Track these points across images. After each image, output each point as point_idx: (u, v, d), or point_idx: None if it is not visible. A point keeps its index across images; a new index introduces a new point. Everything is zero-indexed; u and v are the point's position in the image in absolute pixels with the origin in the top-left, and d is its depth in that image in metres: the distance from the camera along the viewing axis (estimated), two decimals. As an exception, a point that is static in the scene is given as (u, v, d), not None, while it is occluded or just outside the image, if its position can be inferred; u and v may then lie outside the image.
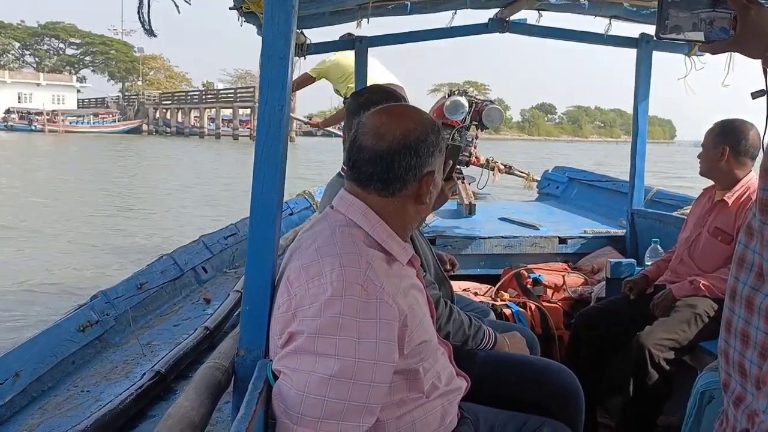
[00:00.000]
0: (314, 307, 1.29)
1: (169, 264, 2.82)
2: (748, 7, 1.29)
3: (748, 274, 0.91)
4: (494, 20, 4.04)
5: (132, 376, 1.91)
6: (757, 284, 0.90)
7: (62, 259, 8.45)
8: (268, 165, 1.44)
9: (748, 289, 0.90)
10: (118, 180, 19.53)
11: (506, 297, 3.73)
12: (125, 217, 12.64)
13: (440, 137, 1.50)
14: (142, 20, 1.39)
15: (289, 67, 1.42)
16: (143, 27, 1.40)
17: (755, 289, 0.89)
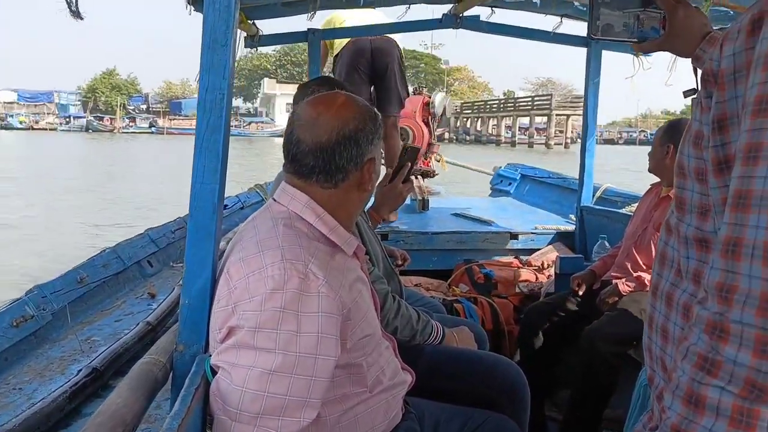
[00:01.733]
0: (254, 300, 1.25)
1: (111, 258, 2.73)
2: (677, 7, 1.32)
3: (669, 270, 0.93)
4: (448, 16, 4.04)
5: (68, 372, 1.84)
6: (676, 280, 0.91)
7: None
8: (208, 155, 1.39)
9: (669, 286, 0.92)
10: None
11: (458, 292, 3.75)
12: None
13: (378, 124, 1.49)
14: (68, 2, 1.33)
15: (230, 54, 1.38)
16: (69, 9, 1.34)
17: (675, 285, 0.90)
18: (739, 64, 0.79)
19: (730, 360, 0.72)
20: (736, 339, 0.72)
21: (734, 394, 0.72)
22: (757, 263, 0.71)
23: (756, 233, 0.72)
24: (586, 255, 3.88)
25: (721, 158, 0.82)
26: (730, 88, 0.81)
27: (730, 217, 0.75)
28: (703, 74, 0.87)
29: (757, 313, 0.71)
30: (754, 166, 0.73)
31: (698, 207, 0.88)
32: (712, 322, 0.75)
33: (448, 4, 3.99)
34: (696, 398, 0.75)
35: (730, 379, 0.72)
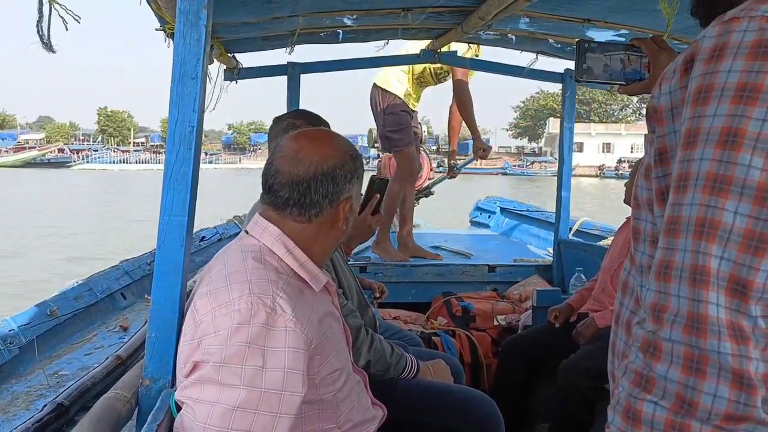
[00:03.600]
0: (220, 335, 1.24)
1: (84, 290, 2.69)
2: (660, 53, 1.38)
3: (629, 299, 0.97)
4: (426, 51, 4.11)
5: (33, 408, 1.79)
6: (635, 308, 0.95)
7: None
8: (177, 187, 1.40)
9: (629, 314, 0.96)
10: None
11: (436, 325, 3.73)
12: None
13: (359, 164, 1.50)
14: (41, 34, 1.34)
15: (200, 86, 1.39)
16: (41, 41, 1.35)
17: (633, 312, 0.95)
18: (675, 101, 0.85)
19: (662, 376, 0.77)
20: (667, 356, 0.76)
21: (667, 409, 0.76)
22: (684, 284, 0.76)
23: (684, 256, 0.77)
24: (563, 288, 3.89)
25: (663, 188, 0.87)
26: (668, 123, 0.86)
27: (663, 241, 0.80)
28: (647, 110, 0.94)
29: (684, 330, 0.75)
30: (683, 194, 0.78)
31: (650, 236, 0.92)
32: (647, 340, 0.80)
33: (426, 40, 4.06)
34: (633, 413, 0.79)
35: (663, 394, 0.77)
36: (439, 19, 3.37)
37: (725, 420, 0.74)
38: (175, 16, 2.20)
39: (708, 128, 0.77)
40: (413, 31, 3.71)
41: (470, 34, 3.32)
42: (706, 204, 0.76)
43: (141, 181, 34.25)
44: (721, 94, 0.76)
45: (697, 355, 0.74)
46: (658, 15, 2.02)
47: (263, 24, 3.10)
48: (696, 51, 0.82)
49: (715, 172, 0.75)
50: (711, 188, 0.75)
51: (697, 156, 0.77)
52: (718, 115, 0.76)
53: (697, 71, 0.80)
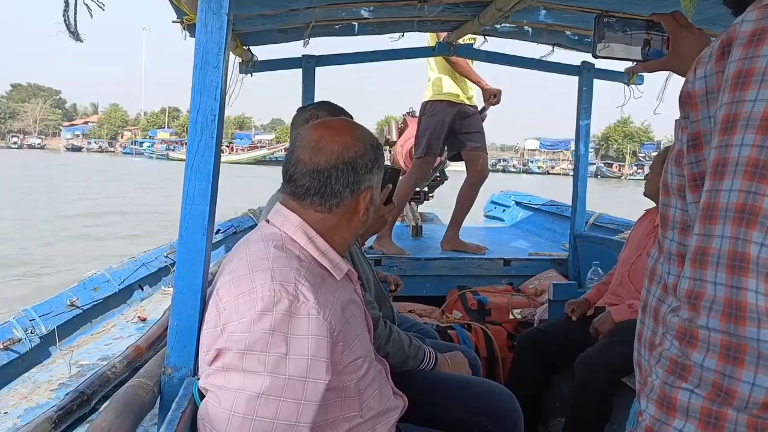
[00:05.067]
0: (243, 322, 1.24)
1: (102, 281, 2.71)
2: (680, 29, 1.35)
3: (656, 286, 0.97)
4: (441, 44, 4.09)
5: (55, 397, 1.81)
6: (663, 296, 0.94)
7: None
8: (199, 176, 1.40)
9: (656, 301, 0.96)
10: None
11: (451, 318, 3.73)
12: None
13: (379, 154, 1.49)
14: (67, 23, 1.34)
15: (221, 75, 1.39)
16: (68, 30, 1.35)
17: (661, 300, 0.94)
18: (711, 85, 0.84)
19: (698, 364, 0.76)
20: (704, 344, 0.76)
21: (702, 397, 0.76)
22: (722, 270, 0.75)
23: (721, 242, 0.76)
24: (579, 282, 3.87)
25: (696, 174, 0.86)
26: (702, 108, 0.85)
27: (699, 228, 0.79)
28: (680, 96, 0.92)
29: (722, 318, 0.74)
30: (721, 180, 0.77)
31: (680, 223, 0.92)
32: (682, 328, 0.79)
33: (442, 32, 4.05)
34: (668, 401, 0.79)
35: (699, 382, 0.76)
36: (455, 11, 3.36)
37: (763, 409, 0.73)
38: (191, 7, 2.21)
39: (748, 113, 0.75)
40: (429, 24, 3.70)
41: (487, 26, 3.31)
42: (746, 190, 0.74)
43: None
44: (762, 79, 0.75)
45: (735, 344, 0.73)
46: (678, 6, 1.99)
47: (279, 16, 3.10)
48: (734, 35, 0.80)
49: (756, 157, 0.74)
50: (752, 174, 0.74)
51: (736, 141, 0.76)
52: (759, 100, 0.75)
53: (735, 56, 0.79)
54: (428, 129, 4.55)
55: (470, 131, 4.60)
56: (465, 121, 4.57)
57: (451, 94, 4.53)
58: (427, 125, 4.57)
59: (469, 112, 4.60)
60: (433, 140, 4.54)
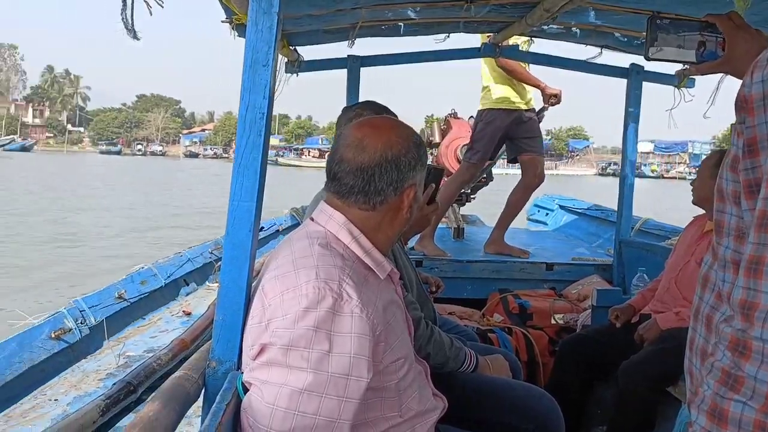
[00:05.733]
0: (287, 318, 1.25)
1: (149, 275, 2.77)
2: (737, 30, 1.31)
3: (710, 293, 0.95)
4: (487, 45, 4.07)
5: (103, 386, 1.86)
6: (716, 303, 0.92)
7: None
8: (246, 173, 1.42)
9: (709, 308, 0.94)
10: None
11: (492, 322, 3.70)
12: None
13: (422, 151, 1.49)
14: (125, 22, 1.38)
15: (270, 74, 1.40)
16: (126, 29, 1.39)
17: (714, 308, 0.92)
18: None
19: (751, 376, 0.74)
20: (758, 356, 0.74)
21: (755, 409, 0.74)
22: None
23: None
24: (624, 288, 3.81)
25: (751, 180, 0.84)
26: (759, 113, 0.83)
27: (754, 236, 0.78)
28: (736, 100, 0.89)
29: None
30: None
31: (735, 230, 0.90)
32: (735, 339, 0.77)
33: (488, 33, 4.02)
34: (719, 412, 0.77)
35: (752, 394, 0.74)
36: (502, 12, 3.33)
37: None
38: (241, 7, 2.25)
39: None
40: (475, 25, 3.68)
41: (534, 27, 3.28)
42: None
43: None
44: None
45: None
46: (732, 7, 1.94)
47: (326, 17, 3.13)
48: None
49: None
50: None
51: None
52: None
53: None
54: (484, 137, 4.55)
55: (527, 136, 4.57)
56: (522, 127, 4.54)
57: (507, 101, 4.50)
58: (483, 133, 4.57)
59: (527, 117, 4.56)
60: (487, 147, 4.56)
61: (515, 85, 4.48)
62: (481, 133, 4.58)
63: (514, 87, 4.47)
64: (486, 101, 4.57)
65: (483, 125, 4.56)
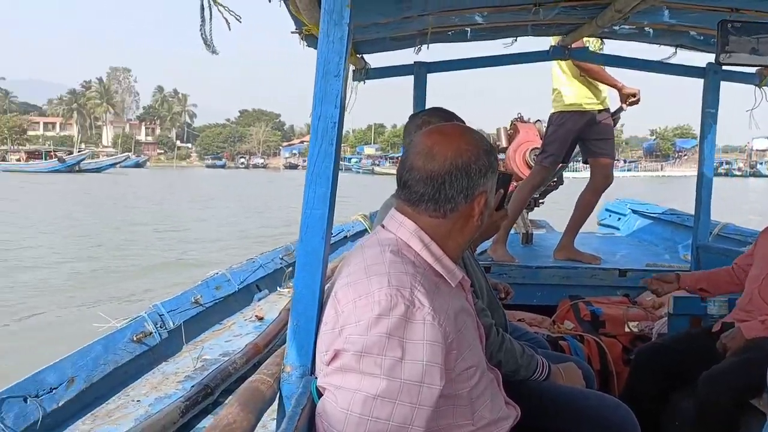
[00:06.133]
0: (360, 325, 1.27)
1: (223, 280, 2.86)
2: None
3: None
4: (556, 47, 4.00)
5: (182, 388, 1.93)
6: None
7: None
8: (319, 181, 1.44)
9: None
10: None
11: (563, 329, 3.63)
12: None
13: (493, 158, 1.48)
14: (203, 37, 1.43)
15: (341, 84, 1.43)
16: (205, 43, 1.44)
17: None
18: None
19: None
20: None
21: None
22: None
23: None
24: (702, 295, 3.66)
25: None
26: None
27: None
28: None
29: None
30: None
31: None
32: None
33: (557, 36, 3.96)
34: None
35: None
36: (571, 14, 3.28)
37: None
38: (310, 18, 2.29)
39: None
40: (543, 27, 3.63)
41: (605, 28, 3.21)
42: None
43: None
44: None
45: None
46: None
47: (393, 24, 3.15)
48: None
49: None
50: None
51: None
52: None
53: None
54: (556, 140, 4.51)
55: (599, 138, 4.49)
56: (594, 128, 4.46)
57: (579, 104, 4.43)
58: (554, 136, 4.52)
59: (600, 118, 4.47)
60: (559, 151, 4.51)
61: (588, 86, 4.40)
62: (552, 136, 4.53)
63: (587, 88, 4.40)
64: (558, 104, 4.51)
65: (554, 128, 4.51)
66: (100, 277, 10.60)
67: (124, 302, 8.61)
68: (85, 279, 10.37)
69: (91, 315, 7.07)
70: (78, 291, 9.42)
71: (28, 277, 10.47)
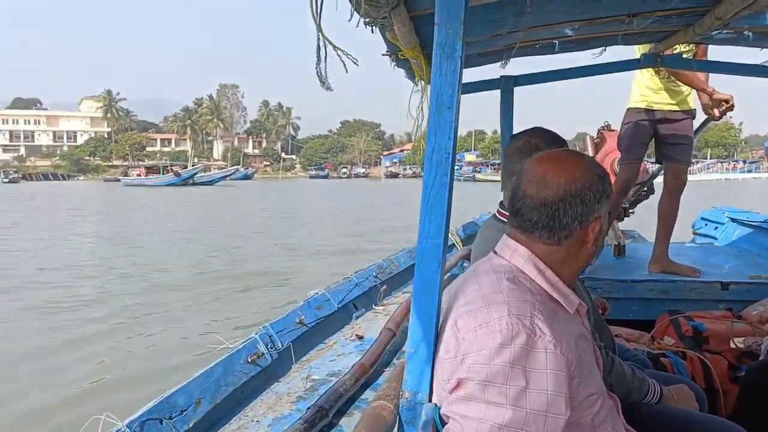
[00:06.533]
0: (483, 354, 1.29)
1: (323, 300, 2.93)
2: None
3: None
4: (647, 55, 3.90)
5: (296, 408, 1.99)
6: None
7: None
8: (434, 211, 1.47)
9: None
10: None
11: (663, 345, 3.52)
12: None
13: (606, 184, 1.47)
14: (319, 75, 1.49)
15: (454, 115, 1.46)
16: (320, 80, 1.50)
17: None
18: None
19: None
20: None
21: None
22: None
23: None
24: (815, 309, 3.47)
25: None
26: None
27: None
28: None
29: None
30: None
31: None
32: None
33: (648, 44, 3.87)
34: None
35: None
36: (666, 23, 3.20)
37: None
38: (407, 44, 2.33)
39: None
40: (635, 36, 3.56)
41: (703, 35, 3.11)
42: None
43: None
44: None
45: None
46: None
47: (482, 42, 3.16)
48: None
49: None
50: None
51: None
52: None
53: None
54: (626, 135, 4.50)
55: (671, 142, 4.38)
56: (667, 130, 4.36)
57: (646, 101, 4.38)
58: (624, 132, 4.52)
59: (674, 119, 4.36)
60: (631, 145, 4.46)
61: (663, 84, 4.31)
62: (623, 132, 4.54)
63: (662, 87, 4.31)
64: (630, 100, 4.51)
65: (623, 125, 4.54)
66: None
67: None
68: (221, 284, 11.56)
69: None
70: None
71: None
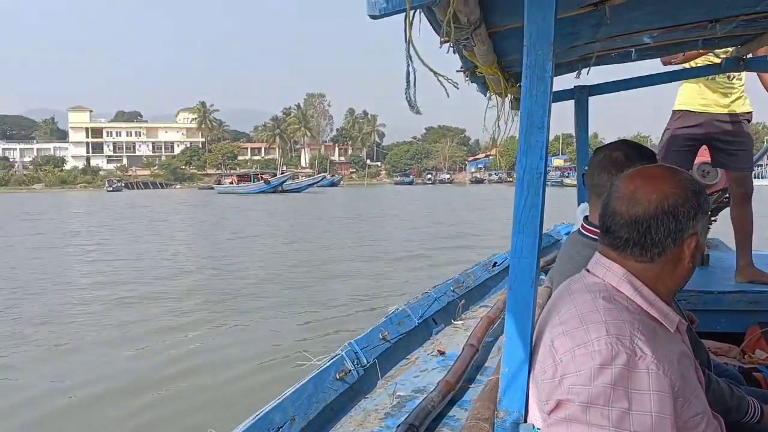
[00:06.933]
0: (582, 375, 1.28)
1: (404, 316, 2.96)
2: None
3: None
4: (728, 59, 3.78)
5: (384, 425, 2.02)
6: None
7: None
8: (526, 230, 1.48)
9: None
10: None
11: (755, 359, 3.38)
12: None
13: (702, 199, 1.43)
14: (408, 99, 1.52)
15: (545, 136, 1.46)
16: (409, 105, 1.53)
17: None
18: None
19: None
20: None
21: None
22: None
23: None
24: None
25: None
26: None
27: None
28: None
29: None
30: None
31: None
32: None
33: (729, 47, 3.75)
34: None
35: None
36: (749, 26, 3.10)
37: None
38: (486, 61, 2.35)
39: None
40: (715, 41, 3.45)
41: (791, 37, 3.00)
42: None
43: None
44: None
45: None
46: None
47: (559, 54, 3.14)
48: None
49: None
50: None
51: None
52: None
53: None
54: (665, 140, 4.29)
55: (724, 149, 4.17)
56: (718, 135, 4.15)
57: (689, 103, 4.19)
58: (664, 136, 4.33)
59: (724, 124, 4.15)
60: (667, 152, 4.22)
61: (711, 86, 4.11)
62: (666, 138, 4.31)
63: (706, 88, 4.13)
64: (676, 102, 4.31)
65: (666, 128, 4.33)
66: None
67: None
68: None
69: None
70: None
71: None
